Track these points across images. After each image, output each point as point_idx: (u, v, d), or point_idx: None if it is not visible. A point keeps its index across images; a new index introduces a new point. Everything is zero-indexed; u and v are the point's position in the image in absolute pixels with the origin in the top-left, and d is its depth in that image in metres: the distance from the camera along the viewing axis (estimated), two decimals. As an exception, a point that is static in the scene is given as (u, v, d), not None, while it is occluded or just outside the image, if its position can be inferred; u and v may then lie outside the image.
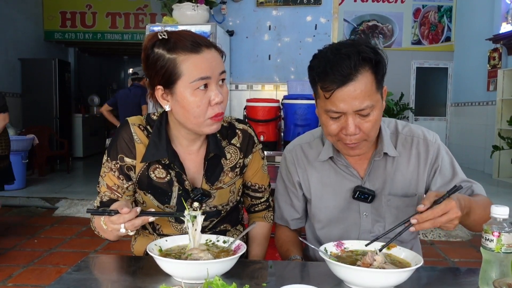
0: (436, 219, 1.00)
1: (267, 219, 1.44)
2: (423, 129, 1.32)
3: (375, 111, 1.13)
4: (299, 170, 1.36)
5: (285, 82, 3.87)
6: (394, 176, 1.27)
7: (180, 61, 1.08)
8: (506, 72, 6.63)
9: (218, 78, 1.12)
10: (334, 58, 1.10)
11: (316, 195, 1.34)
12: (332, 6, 4.01)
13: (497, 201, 4.45)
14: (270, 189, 1.44)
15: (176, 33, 1.12)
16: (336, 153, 1.28)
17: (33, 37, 7.94)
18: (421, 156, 1.27)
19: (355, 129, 1.12)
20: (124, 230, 1.03)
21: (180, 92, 1.10)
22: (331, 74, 1.09)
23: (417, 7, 8.91)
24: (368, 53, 1.10)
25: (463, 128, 8.28)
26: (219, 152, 1.25)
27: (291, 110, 3.00)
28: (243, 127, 1.33)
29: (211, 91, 1.10)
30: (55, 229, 4.17)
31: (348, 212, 1.31)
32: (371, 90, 1.10)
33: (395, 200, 1.27)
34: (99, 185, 1.27)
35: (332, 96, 1.10)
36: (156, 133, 1.21)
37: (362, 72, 1.09)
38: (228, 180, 1.30)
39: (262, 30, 4.10)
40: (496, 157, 6.51)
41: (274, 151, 3.12)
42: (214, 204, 1.29)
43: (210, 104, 1.11)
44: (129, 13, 8.29)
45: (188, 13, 3.56)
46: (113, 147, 1.24)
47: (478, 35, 7.56)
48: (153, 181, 1.24)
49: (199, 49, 1.09)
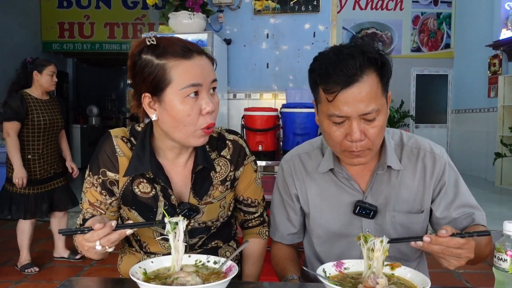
0: (449, 249, 0.93)
1: (261, 235, 1.35)
2: (430, 142, 1.24)
3: (380, 116, 1.06)
4: (297, 182, 1.28)
5: (283, 91, 3.81)
6: (399, 190, 1.19)
7: (170, 67, 1.03)
8: (507, 79, 6.57)
9: (210, 86, 1.07)
10: (337, 58, 1.03)
11: (314, 209, 1.26)
12: (330, 14, 3.96)
13: (500, 209, 4.36)
14: (264, 203, 1.36)
15: (166, 39, 1.07)
16: (337, 164, 1.21)
17: (31, 48, 7.91)
18: (427, 169, 1.19)
19: (361, 134, 1.05)
20: (100, 247, 0.95)
21: (169, 100, 1.04)
22: (335, 75, 1.02)
23: (416, 15, 8.89)
24: (373, 53, 1.03)
25: (464, 135, 8.21)
26: (208, 164, 1.18)
27: (290, 119, 2.95)
28: (233, 138, 1.26)
29: (202, 100, 1.05)
30: (50, 242, 4.08)
31: (349, 228, 1.22)
32: (377, 93, 1.04)
33: (400, 217, 1.20)
34: (81, 201, 1.20)
35: (335, 98, 1.03)
36: (139, 145, 1.15)
37: (367, 73, 1.02)
38: (218, 194, 1.22)
39: (260, 38, 4.05)
40: (498, 164, 6.43)
41: (273, 160, 3.06)
42: (203, 220, 1.22)
43: (201, 113, 1.05)
44: (127, 23, 8.27)
45: (185, 21, 3.51)
46: (95, 161, 1.18)
47: (478, 41, 7.52)
48: (137, 196, 1.17)
49: (190, 55, 1.04)
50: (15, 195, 3.25)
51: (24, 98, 3.21)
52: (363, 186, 1.21)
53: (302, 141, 2.94)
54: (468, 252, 0.94)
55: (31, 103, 3.24)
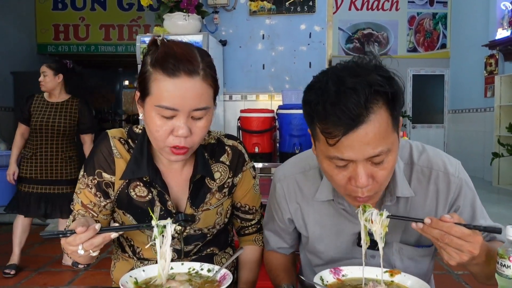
0: (450, 236, 0.85)
1: (257, 242, 1.32)
2: (444, 158, 1.08)
3: (391, 155, 0.90)
4: (291, 206, 1.16)
5: (279, 92, 3.78)
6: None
7: (153, 79, 0.98)
8: (504, 78, 6.57)
9: (191, 112, 0.98)
10: (337, 92, 0.84)
11: (313, 235, 1.15)
12: (326, 15, 3.94)
13: (498, 209, 4.34)
14: (261, 210, 1.32)
15: (168, 47, 1.00)
16: (336, 195, 1.07)
17: (26, 50, 7.86)
18: (440, 194, 1.05)
19: (368, 179, 0.89)
20: (82, 251, 0.90)
21: (147, 109, 1.01)
22: (335, 116, 0.84)
23: (412, 15, 8.89)
24: (382, 84, 0.85)
25: (461, 135, 8.22)
26: (207, 174, 1.15)
27: (286, 120, 2.92)
28: (232, 144, 1.22)
29: (177, 122, 0.98)
30: (44, 247, 4.04)
31: (350, 256, 1.12)
32: (387, 132, 0.87)
33: (408, 250, 1.08)
34: (73, 203, 1.16)
35: (338, 143, 0.86)
36: (138, 149, 1.12)
37: (375, 110, 0.84)
38: (215, 201, 1.19)
39: (256, 39, 4.02)
40: (496, 164, 6.43)
41: (270, 162, 3.03)
42: (199, 227, 1.18)
43: (173, 133, 0.99)
44: (123, 25, 8.23)
45: (180, 23, 3.47)
46: (91, 161, 1.14)
47: (473, 41, 7.53)
48: (133, 200, 1.14)
49: (176, 74, 0.96)
50: (17, 192, 3.40)
51: (30, 101, 3.36)
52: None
53: (298, 143, 2.94)
54: (472, 247, 0.85)
55: (38, 105, 3.33)
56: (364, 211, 0.94)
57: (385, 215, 0.92)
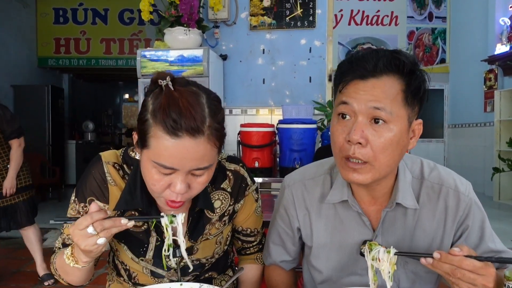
0: (462, 270, 0.83)
1: (259, 260, 1.28)
2: (455, 176, 1.08)
3: (393, 125, 0.91)
4: (300, 213, 1.13)
5: (280, 106, 3.77)
6: (414, 233, 1.04)
7: (152, 134, 0.88)
8: (503, 93, 6.58)
9: (191, 172, 0.92)
10: (362, 53, 0.95)
11: (318, 244, 1.12)
12: (326, 30, 3.96)
13: (499, 224, 4.31)
14: (263, 231, 1.28)
15: (171, 97, 0.88)
16: (351, 196, 1.05)
17: (26, 64, 7.90)
18: (449, 211, 1.03)
19: (361, 136, 0.90)
20: (91, 229, 0.85)
21: (144, 159, 0.93)
22: (355, 65, 0.94)
23: (411, 30, 8.94)
24: (403, 58, 0.93)
25: (462, 150, 8.20)
26: (208, 207, 1.09)
27: (287, 135, 2.91)
28: (234, 168, 1.14)
29: (175, 179, 0.91)
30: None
31: (353, 268, 1.09)
32: (395, 98, 0.91)
33: (413, 264, 1.05)
34: (63, 227, 1.10)
35: (346, 87, 0.94)
36: (132, 177, 1.04)
37: (388, 74, 0.92)
38: (214, 231, 1.13)
39: (256, 54, 4.04)
40: (496, 179, 6.40)
41: (270, 177, 3.01)
42: (197, 258, 1.13)
43: (170, 188, 0.92)
44: (124, 38, 8.29)
45: (180, 37, 3.49)
46: (82, 187, 1.07)
47: (473, 56, 7.56)
48: (128, 230, 1.03)
49: (177, 134, 0.86)
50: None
51: None
52: (374, 224, 1.06)
53: (299, 158, 2.93)
54: (485, 280, 0.83)
55: None
56: (371, 250, 0.91)
57: (392, 252, 0.90)
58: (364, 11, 8.83)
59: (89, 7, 8.28)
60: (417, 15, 8.91)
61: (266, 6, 3.98)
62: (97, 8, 8.28)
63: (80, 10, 8.29)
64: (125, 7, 8.22)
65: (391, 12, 8.85)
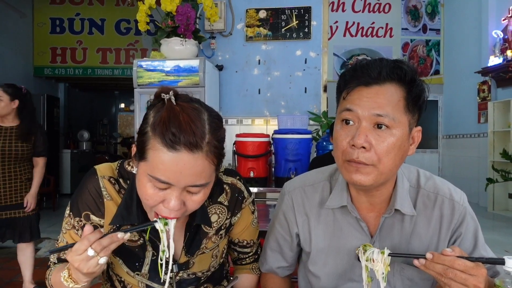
0: (453, 270, 0.85)
1: (254, 270, 1.29)
2: (450, 186, 1.11)
3: (396, 130, 0.94)
4: (299, 218, 1.15)
5: (275, 117, 3.80)
6: (411, 239, 1.06)
7: (151, 147, 0.88)
8: (496, 104, 6.65)
9: (186, 189, 0.91)
10: (367, 61, 0.99)
11: (316, 249, 1.13)
12: (321, 41, 4.00)
13: (493, 235, 4.31)
14: (259, 241, 1.28)
15: (173, 112, 0.87)
16: (349, 202, 1.08)
17: (22, 73, 7.90)
18: (444, 219, 1.06)
19: (365, 140, 0.93)
20: (92, 251, 0.86)
21: (140, 172, 0.92)
22: (359, 72, 0.97)
23: (406, 41, 9.03)
24: (405, 67, 0.97)
25: (456, 161, 8.24)
26: (205, 222, 1.08)
27: (282, 145, 2.93)
28: (231, 181, 1.14)
29: (169, 195, 0.90)
30: (35, 272, 3.95)
31: (350, 273, 1.11)
32: (397, 105, 0.94)
33: (409, 271, 1.06)
34: (58, 240, 1.10)
35: (351, 92, 0.97)
36: (129, 192, 1.03)
37: (391, 82, 0.96)
38: (211, 245, 1.13)
39: (252, 65, 4.07)
40: (490, 189, 6.44)
41: (265, 187, 3.02)
42: (193, 271, 1.12)
43: (164, 204, 0.91)
44: (120, 48, 8.32)
45: (177, 48, 3.51)
46: (77, 201, 1.05)
47: (466, 68, 7.64)
48: (124, 244, 1.03)
49: (176, 148, 0.85)
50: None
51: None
52: (372, 230, 1.08)
53: (294, 168, 2.95)
54: (476, 280, 0.84)
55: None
56: (365, 251, 0.93)
57: (386, 253, 0.91)
58: (359, 22, 8.93)
59: (86, 17, 8.31)
60: (411, 27, 9.01)
61: (262, 18, 4.02)
62: (94, 18, 8.32)
63: (77, 20, 8.32)
64: (122, 17, 8.26)
65: (386, 24, 8.95)
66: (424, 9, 8.96)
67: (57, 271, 1.04)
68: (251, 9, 4.04)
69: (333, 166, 1.17)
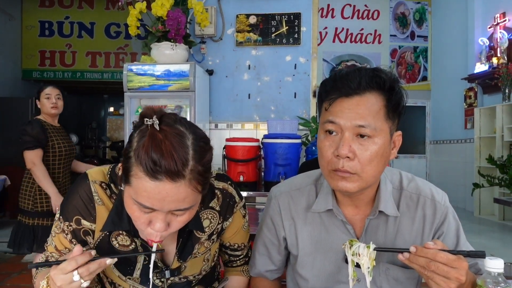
0: (436, 263, 0.87)
1: (245, 273, 1.30)
2: (431, 187, 1.14)
3: (377, 139, 0.97)
4: (286, 222, 1.17)
5: (265, 121, 3.82)
6: (395, 240, 1.09)
7: (134, 174, 0.88)
8: (483, 111, 6.75)
9: (171, 212, 0.92)
10: (347, 71, 1.01)
11: (304, 252, 1.15)
12: (311, 47, 4.04)
13: (480, 239, 4.38)
14: (249, 244, 1.30)
15: (155, 141, 0.86)
16: (335, 205, 1.10)
17: (10, 76, 7.83)
18: (427, 219, 1.09)
19: (349, 150, 0.96)
20: (78, 277, 0.85)
21: (126, 195, 0.93)
22: (339, 83, 1.00)
23: (394, 48, 9.14)
24: (384, 75, 0.99)
25: (443, 166, 8.34)
26: (198, 228, 1.10)
27: (271, 149, 2.95)
28: (223, 186, 1.15)
29: (154, 217, 0.91)
30: (23, 276, 3.92)
31: (337, 276, 1.12)
32: (378, 114, 0.97)
33: (394, 270, 1.09)
34: (47, 243, 1.09)
35: (332, 105, 0.99)
36: (120, 198, 1.03)
37: (371, 91, 0.98)
38: (203, 249, 1.14)
39: (242, 70, 4.09)
40: (476, 194, 6.52)
41: (254, 191, 3.04)
42: (185, 275, 1.14)
43: (150, 226, 0.93)
44: (110, 52, 8.30)
45: (167, 52, 3.52)
46: (68, 205, 1.05)
47: (453, 74, 7.76)
48: (115, 249, 1.06)
49: (157, 177, 0.85)
50: (37, 228, 3.00)
51: (42, 124, 3.07)
52: (358, 232, 1.11)
53: (283, 172, 2.97)
54: (458, 273, 0.87)
55: (49, 129, 3.10)
56: (351, 245, 0.95)
57: (372, 247, 0.94)
58: (348, 29, 9.02)
59: (75, 20, 8.29)
60: (399, 33, 9.13)
61: (252, 23, 4.05)
62: (83, 22, 8.29)
63: (66, 23, 8.29)
64: (112, 21, 8.24)
65: (375, 30, 9.05)
66: (412, 16, 9.09)
67: (41, 275, 1.04)
68: (241, 14, 4.07)
69: (318, 170, 1.19)
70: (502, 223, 6.12)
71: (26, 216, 3.01)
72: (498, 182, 5.67)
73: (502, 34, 6.60)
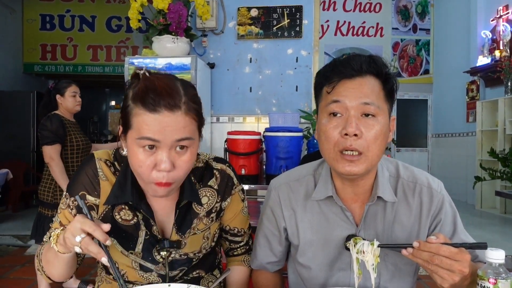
0: (439, 257, 0.88)
1: (246, 262, 1.31)
2: (428, 176, 1.16)
3: (380, 117, 1.01)
4: (286, 213, 1.19)
5: (266, 115, 3.82)
6: (393, 226, 1.11)
7: (134, 114, 0.97)
8: (485, 104, 6.73)
9: (174, 144, 0.97)
10: (344, 58, 1.05)
11: (304, 241, 1.17)
12: (312, 40, 4.03)
13: (481, 232, 4.39)
14: (250, 231, 1.32)
15: (149, 80, 0.98)
16: (335, 192, 1.12)
17: (11, 70, 7.83)
18: (423, 206, 1.11)
19: (357, 128, 0.98)
20: (79, 238, 0.91)
21: (129, 143, 1.00)
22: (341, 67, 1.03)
23: (396, 41, 9.11)
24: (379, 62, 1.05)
25: (445, 159, 8.34)
26: (194, 199, 1.14)
27: (273, 142, 2.95)
28: (221, 167, 1.20)
29: (159, 156, 0.97)
30: (26, 269, 3.95)
31: (338, 262, 1.14)
32: (379, 95, 1.02)
33: (392, 256, 1.10)
34: (52, 222, 1.15)
35: (336, 86, 1.02)
36: (123, 173, 1.09)
37: (370, 75, 1.03)
38: (202, 226, 1.17)
39: (243, 63, 4.09)
40: (478, 187, 6.53)
41: (256, 184, 3.04)
42: (185, 252, 1.16)
43: (156, 168, 0.97)
44: (111, 46, 8.29)
45: (168, 45, 3.52)
46: (75, 182, 1.12)
47: (455, 67, 7.72)
48: (118, 223, 1.11)
49: (157, 109, 0.94)
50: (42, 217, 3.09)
51: (61, 119, 3.12)
52: (357, 219, 1.12)
53: (285, 165, 2.97)
54: (462, 266, 0.88)
55: (67, 124, 3.14)
56: (355, 243, 0.96)
57: (375, 244, 0.95)
58: (350, 22, 8.98)
59: (76, 14, 8.26)
60: (401, 26, 9.09)
61: (253, 16, 4.04)
62: (85, 15, 8.27)
63: (67, 17, 8.27)
64: (113, 15, 8.22)
65: (377, 23, 9.01)
66: (414, 9, 9.04)
67: (46, 249, 1.09)
68: (242, 7, 4.05)
69: (316, 161, 1.22)
70: (504, 216, 6.12)
71: (46, 208, 3.09)
72: (500, 175, 5.67)
73: (505, 26, 6.57)
